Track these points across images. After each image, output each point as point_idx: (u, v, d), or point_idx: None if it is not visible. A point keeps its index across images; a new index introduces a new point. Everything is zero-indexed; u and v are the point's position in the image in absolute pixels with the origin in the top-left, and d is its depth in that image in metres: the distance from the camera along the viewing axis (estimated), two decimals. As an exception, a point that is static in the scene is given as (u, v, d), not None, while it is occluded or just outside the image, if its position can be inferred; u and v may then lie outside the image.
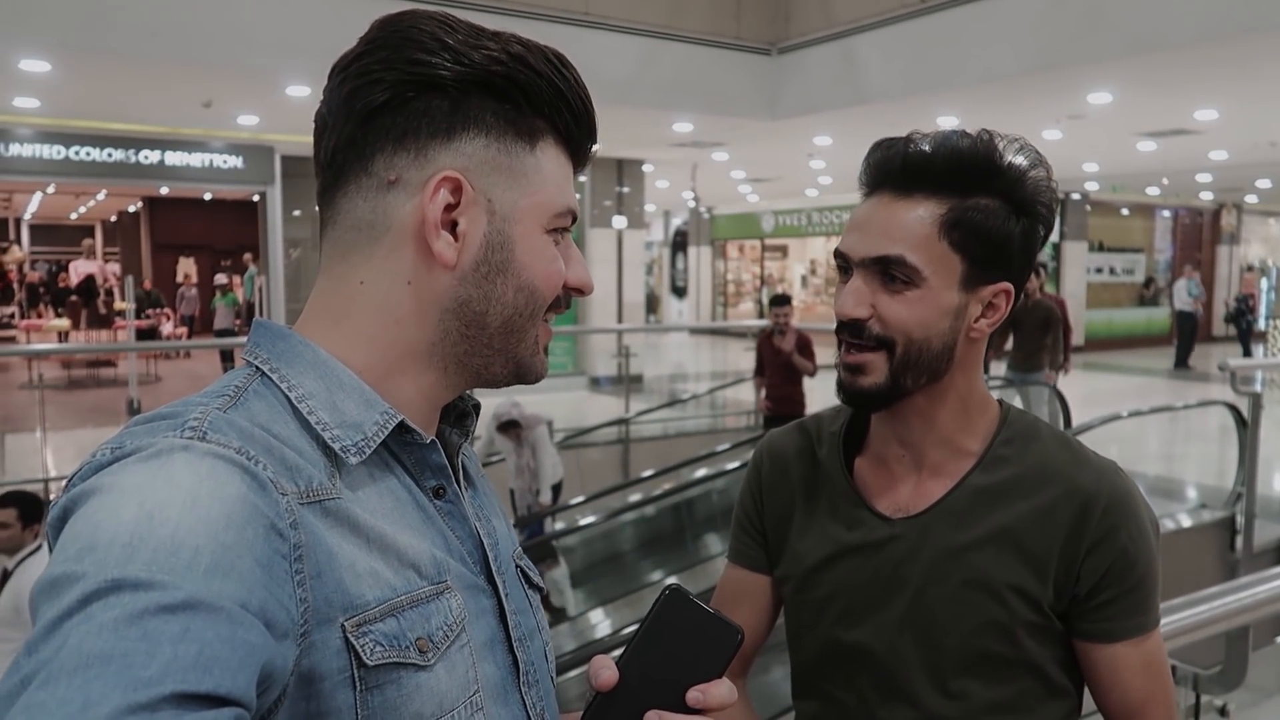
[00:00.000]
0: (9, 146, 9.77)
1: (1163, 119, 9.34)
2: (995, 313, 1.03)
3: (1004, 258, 1.01)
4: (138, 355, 11.21)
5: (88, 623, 0.49)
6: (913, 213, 0.98)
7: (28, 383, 11.21)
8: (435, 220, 0.69)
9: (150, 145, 10.42)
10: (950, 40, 7.65)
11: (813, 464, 1.15)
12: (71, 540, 0.54)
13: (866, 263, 1.00)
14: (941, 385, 1.04)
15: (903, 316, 0.99)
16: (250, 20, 6.76)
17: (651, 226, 21.88)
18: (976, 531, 1.04)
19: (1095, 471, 1.03)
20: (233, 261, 15.86)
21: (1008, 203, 0.99)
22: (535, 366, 0.76)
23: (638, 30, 8.41)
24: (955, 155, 0.97)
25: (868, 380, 1.02)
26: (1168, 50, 6.48)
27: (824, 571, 1.11)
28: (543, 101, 0.71)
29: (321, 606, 0.61)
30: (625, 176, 12.54)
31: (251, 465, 0.60)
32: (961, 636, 1.03)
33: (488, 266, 0.71)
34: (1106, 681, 1.04)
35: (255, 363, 0.70)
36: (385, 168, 0.69)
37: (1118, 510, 1.01)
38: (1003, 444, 1.06)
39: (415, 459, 0.72)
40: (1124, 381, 14.13)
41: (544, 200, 0.73)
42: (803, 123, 9.39)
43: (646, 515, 6.50)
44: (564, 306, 0.77)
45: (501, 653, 0.74)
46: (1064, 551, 1.01)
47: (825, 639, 1.11)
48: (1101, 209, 18.66)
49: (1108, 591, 1.01)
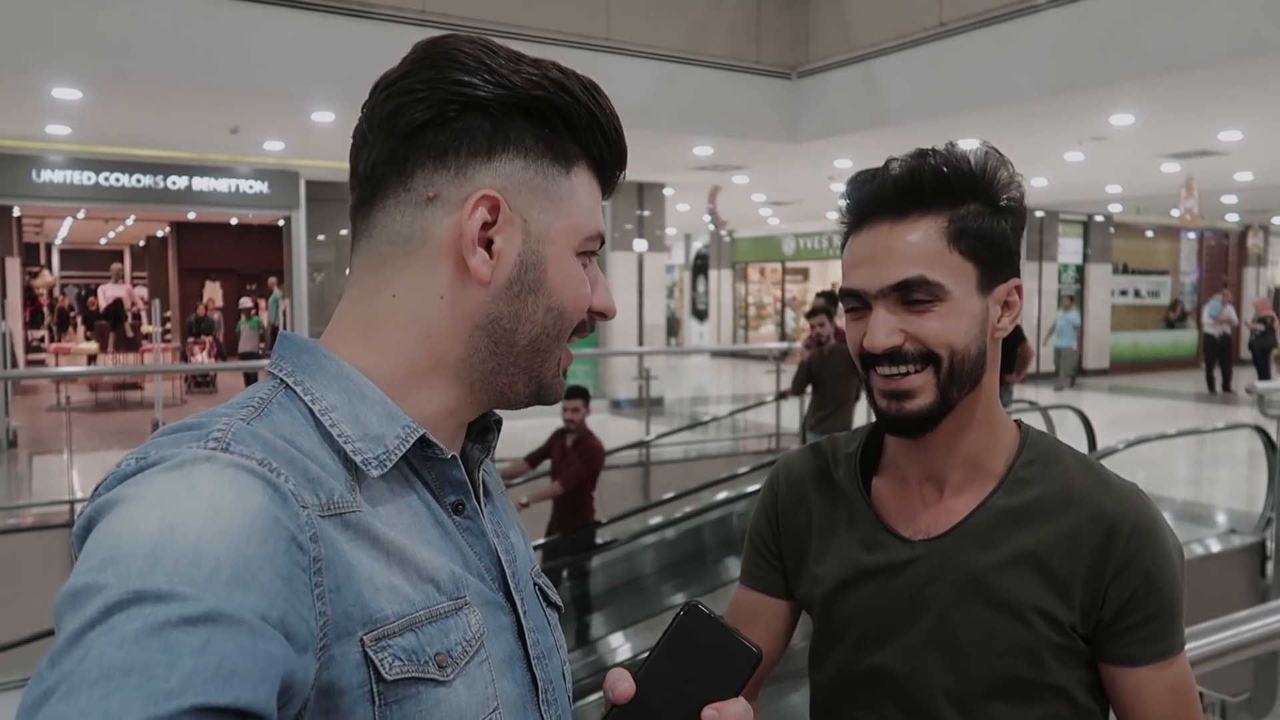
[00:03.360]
0: (41, 173, 9.94)
1: (1186, 140, 9.28)
2: (1012, 309, 1.05)
3: (1006, 255, 1.03)
4: (163, 378, 11.33)
5: (109, 634, 0.49)
6: (917, 232, 0.99)
7: (56, 405, 11.36)
8: (473, 236, 0.70)
9: (178, 171, 10.57)
10: (971, 62, 7.66)
11: (830, 486, 1.15)
12: (95, 550, 0.54)
13: (886, 291, 1.00)
14: (977, 396, 1.04)
15: (939, 331, 0.99)
16: (276, 48, 6.88)
17: (673, 250, 21.94)
18: (999, 553, 1.03)
19: (1120, 495, 1.03)
20: (258, 285, 16.03)
21: (989, 205, 1.01)
22: (555, 388, 0.77)
23: (658, 55, 8.47)
24: (940, 170, 1.00)
25: (917, 403, 1.01)
26: (1190, 71, 6.45)
27: (844, 594, 1.10)
28: (579, 127, 0.73)
29: (341, 620, 0.61)
30: (646, 200, 12.59)
31: (274, 477, 0.60)
32: (985, 659, 1.02)
33: (520, 285, 0.72)
34: (1131, 706, 1.04)
35: (280, 375, 0.70)
36: (425, 184, 0.71)
37: (1143, 535, 1.01)
38: (1024, 465, 1.06)
39: (436, 474, 0.72)
40: (1150, 405, 13.97)
41: (576, 223, 0.74)
42: (823, 145, 9.41)
43: (667, 538, 6.47)
44: (588, 330, 0.78)
45: (520, 670, 0.74)
46: (1089, 575, 1.01)
47: (847, 662, 1.11)
48: (1125, 231, 18.54)
49: (1133, 616, 1.00)
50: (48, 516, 6.77)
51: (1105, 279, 17.89)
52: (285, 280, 12.26)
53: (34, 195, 10.29)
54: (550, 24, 7.77)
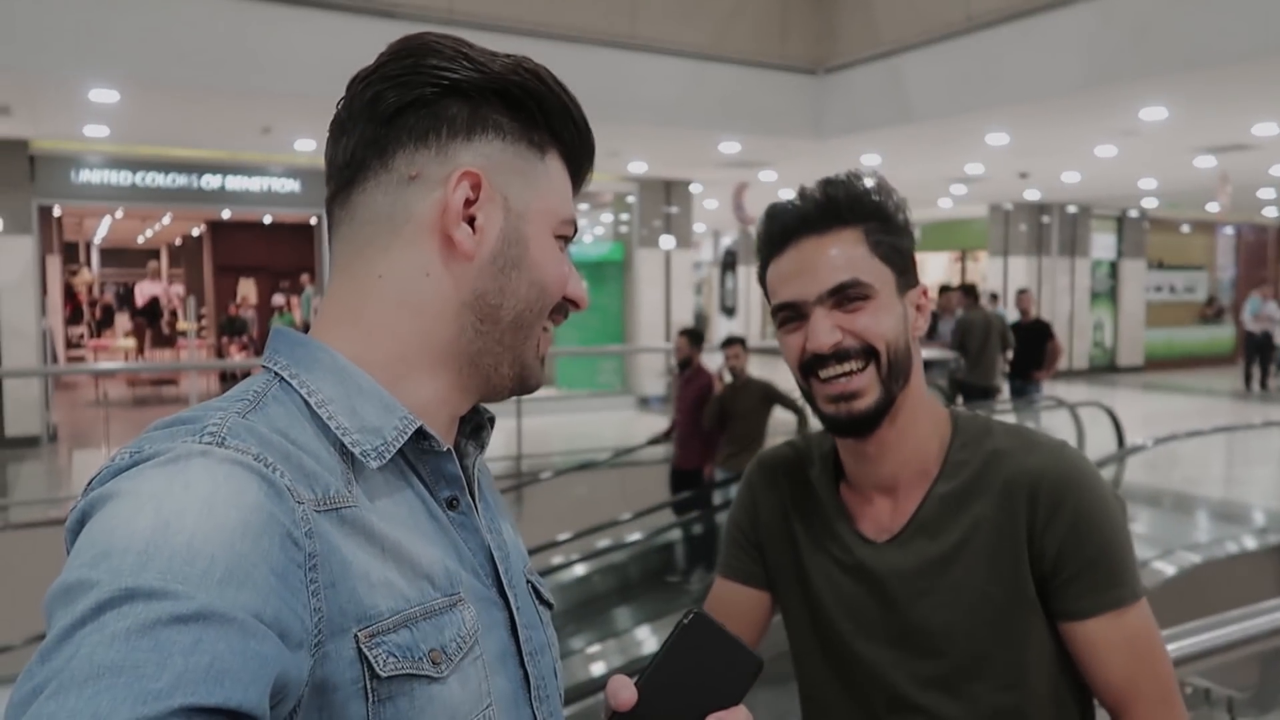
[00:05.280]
0: (80, 173, 10.14)
1: (1220, 134, 9.14)
2: (923, 312, 1.14)
3: (912, 264, 1.14)
4: (198, 374, 11.52)
5: (100, 632, 0.49)
6: (841, 243, 1.09)
7: (95, 400, 11.60)
8: (457, 210, 0.71)
9: (212, 170, 10.73)
10: (998, 58, 7.60)
11: (804, 483, 1.20)
12: (87, 545, 0.54)
13: (823, 296, 1.07)
14: (909, 393, 1.10)
15: (874, 325, 1.07)
16: (306, 49, 6.98)
17: (701, 246, 21.90)
18: (951, 538, 1.08)
19: (1042, 452, 1.07)
20: (290, 283, 16.22)
21: (886, 222, 1.11)
22: (536, 373, 0.78)
23: (684, 53, 8.48)
24: (849, 191, 1.10)
25: (865, 402, 1.07)
26: (1222, 64, 6.36)
27: (821, 591, 1.14)
28: (552, 115, 0.76)
29: (335, 616, 0.60)
30: (673, 197, 12.61)
31: (269, 472, 0.59)
32: (957, 642, 1.06)
33: (504, 260, 0.73)
34: (1089, 662, 1.04)
35: (274, 368, 0.70)
36: (406, 164, 0.72)
37: (1064, 485, 1.04)
38: (959, 449, 1.11)
39: (431, 468, 0.72)
40: (1185, 402, 13.77)
41: (554, 206, 0.76)
42: (850, 142, 9.37)
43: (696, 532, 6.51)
44: (563, 317, 0.80)
45: (513, 666, 0.74)
46: (1027, 534, 1.04)
47: (828, 656, 1.15)
48: (1161, 226, 18.26)
49: (1069, 567, 1.02)
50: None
51: (1140, 275, 17.64)
52: (317, 278, 12.42)
53: (73, 195, 10.48)
54: (576, 23, 7.81)
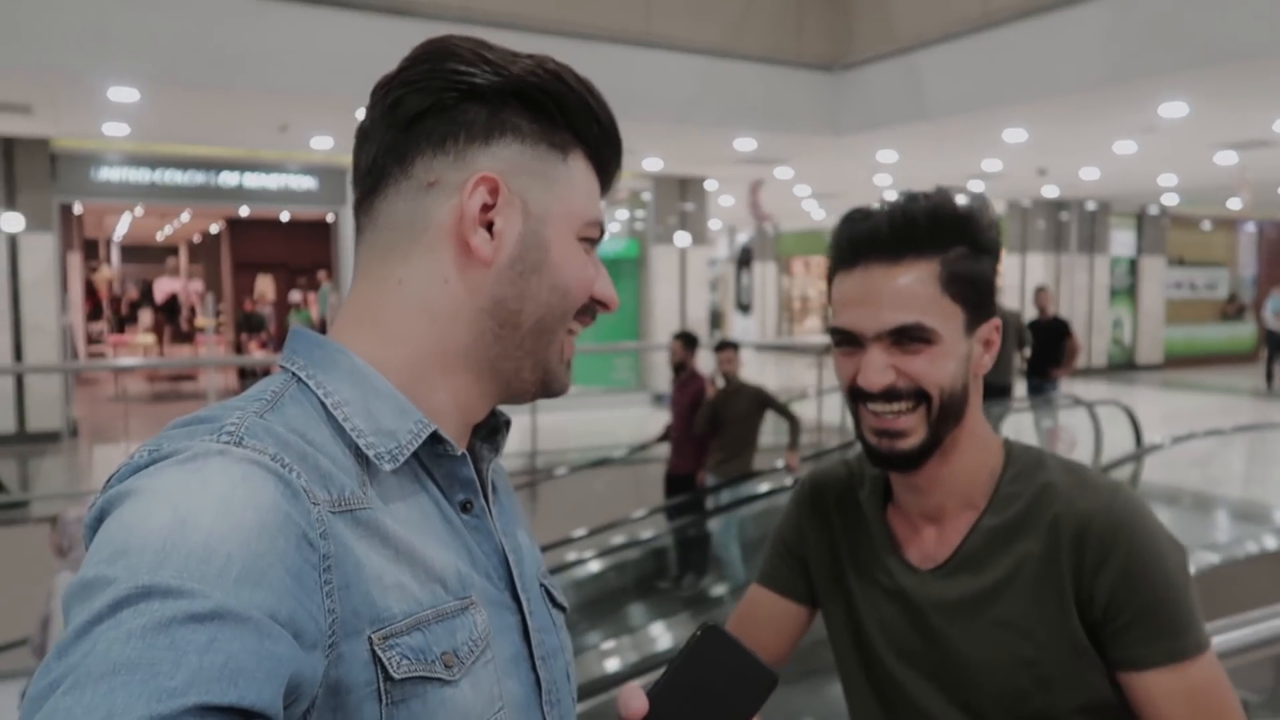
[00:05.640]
0: (100, 171, 10.23)
1: (1241, 130, 9.05)
2: (991, 347, 1.07)
3: (989, 296, 1.06)
4: (216, 370, 11.62)
5: (116, 629, 0.49)
6: (911, 277, 1.01)
7: (115, 396, 11.71)
8: (473, 216, 0.71)
9: (230, 168, 10.81)
10: (1016, 54, 7.55)
11: (854, 505, 1.17)
12: (106, 543, 0.54)
13: (882, 335, 1.01)
14: (961, 429, 1.06)
15: (930, 372, 1.01)
16: (324, 48, 7.01)
17: (717, 243, 21.88)
18: (996, 573, 1.04)
19: (1094, 493, 1.02)
20: (307, 279, 16.32)
21: (973, 246, 1.03)
22: (560, 376, 0.77)
23: (699, 49, 8.47)
24: (934, 213, 1.01)
25: (908, 443, 1.03)
26: (1243, 60, 6.30)
27: (864, 615, 1.12)
28: (574, 115, 0.75)
29: (349, 618, 0.60)
30: (688, 194, 12.60)
31: (286, 473, 0.60)
32: (997, 680, 1.02)
33: (523, 265, 0.73)
34: (1148, 714, 0.99)
35: (292, 369, 0.70)
36: (425, 170, 0.72)
37: (1116, 530, 0.99)
38: (1010, 481, 1.07)
39: (445, 472, 0.72)
40: (1205, 401, 13.65)
41: (576, 208, 0.75)
42: (866, 139, 9.34)
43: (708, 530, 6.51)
44: (590, 319, 0.79)
45: (525, 670, 0.73)
46: (1074, 577, 1.00)
47: (871, 679, 1.13)
48: (1181, 223, 18.10)
49: (1122, 615, 0.98)
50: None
51: (1159, 272, 17.49)
52: (334, 274, 12.48)
53: (94, 193, 10.57)
54: (591, 20, 7.81)
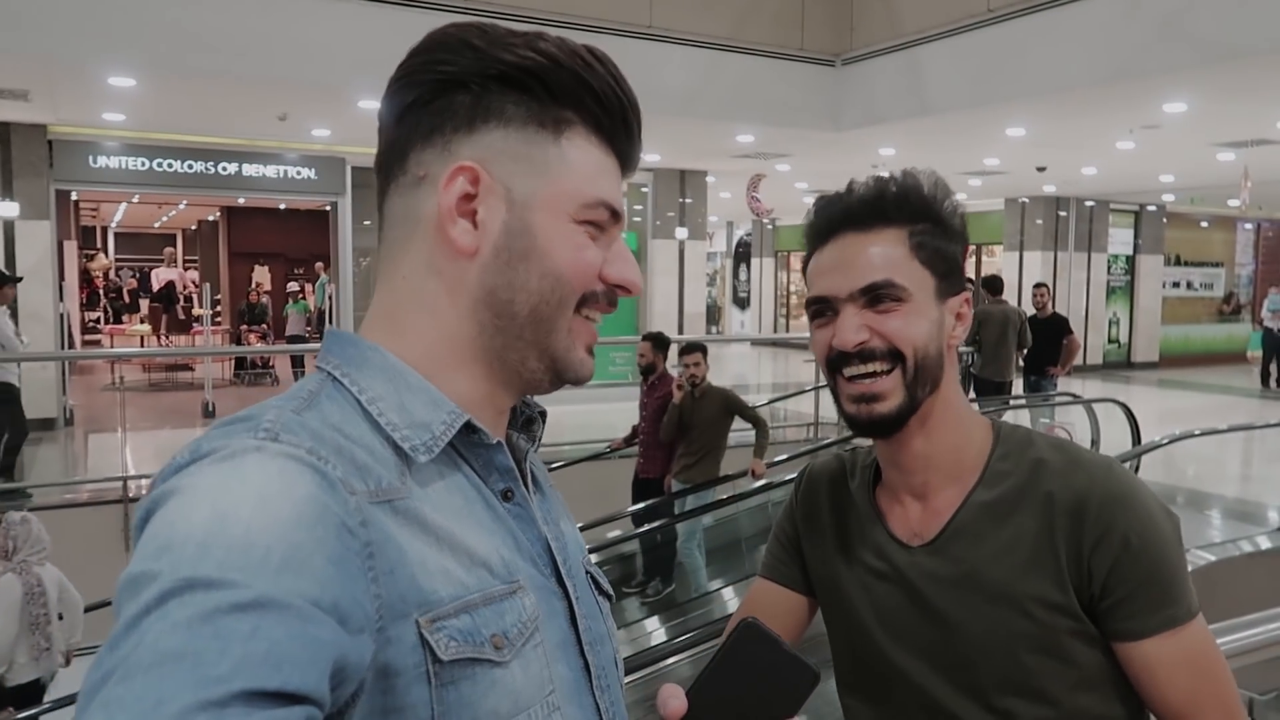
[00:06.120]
0: (97, 159, 10.19)
1: (1242, 128, 9.06)
2: (963, 321, 1.11)
3: (957, 271, 1.11)
4: (213, 360, 11.59)
5: (163, 620, 0.51)
6: (882, 242, 1.07)
7: (111, 385, 11.68)
8: (449, 207, 0.71)
9: (228, 157, 10.77)
10: (1018, 50, 7.54)
11: (844, 494, 1.20)
12: (150, 540, 0.56)
13: (855, 295, 1.06)
14: (937, 400, 1.09)
15: (903, 329, 1.05)
16: (324, 37, 6.99)
17: (715, 237, 21.87)
18: (989, 548, 1.06)
19: (1088, 469, 1.05)
20: (305, 269, 16.29)
21: (939, 225, 1.09)
22: (574, 364, 0.76)
23: (701, 42, 8.45)
24: (902, 190, 1.08)
25: (885, 406, 1.06)
26: (1245, 58, 6.30)
27: (857, 600, 1.14)
28: (564, 91, 0.72)
29: (396, 603, 0.61)
30: (688, 187, 12.58)
31: (321, 465, 0.61)
32: (993, 654, 1.04)
33: (509, 253, 0.72)
34: (1147, 683, 1.02)
35: (327, 368, 0.72)
36: (416, 164, 0.73)
37: (1114, 504, 1.02)
38: (1000, 458, 1.10)
39: (483, 461, 0.73)
40: (1201, 400, 13.69)
41: (569, 189, 0.73)
42: (867, 134, 9.32)
43: (704, 525, 6.50)
44: (608, 304, 0.76)
45: (574, 655, 0.74)
46: (1070, 553, 1.02)
47: (865, 662, 1.14)
48: (1179, 221, 18.12)
49: (1121, 588, 1.01)
50: (103, 492, 6.97)
51: (1157, 270, 17.52)
52: (331, 265, 12.45)
53: (91, 180, 10.53)
54: (593, 12, 7.79)
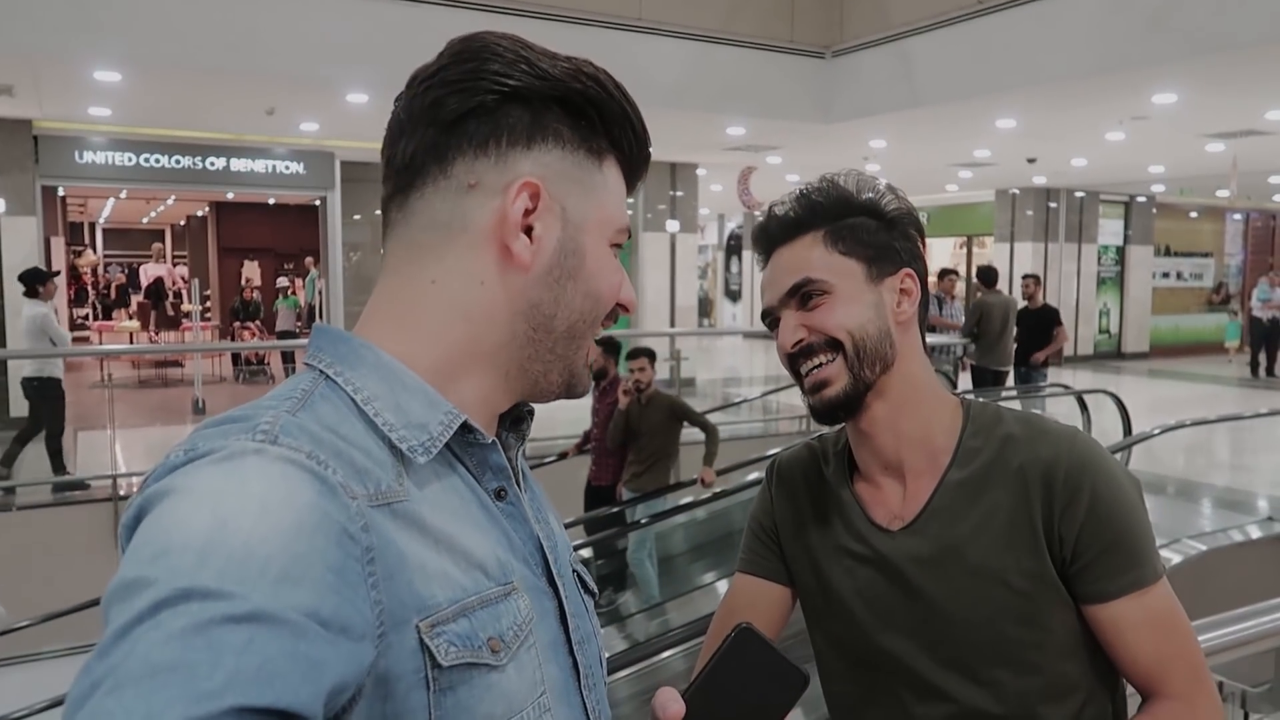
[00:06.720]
0: (84, 154, 10.12)
1: (1232, 119, 9.08)
2: (910, 295, 1.15)
3: (891, 252, 1.14)
4: (203, 356, 11.53)
5: (156, 630, 0.50)
6: (799, 248, 1.14)
7: (99, 382, 11.61)
8: (516, 222, 0.72)
9: (216, 152, 10.71)
10: (1008, 41, 7.54)
11: (820, 481, 1.23)
12: (144, 543, 0.55)
13: (784, 299, 1.14)
14: (894, 377, 1.13)
15: (831, 319, 1.11)
16: (312, 31, 6.94)
17: (706, 230, 21.85)
18: (967, 525, 1.09)
19: (1054, 438, 1.09)
20: (295, 265, 16.20)
21: (872, 218, 1.14)
22: (584, 380, 0.79)
23: (690, 35, 8.43)
24: (820, 196, 1.15)
25: (832, 390, 1.11)
26: (1235, 50, 6.31)
27: (840, 586, 1.16)
28: (612, 122, 0.76)
29: (396, 608, 0.61)
30: (679, 180, 12.56)
31: (322, 470, 0.60)
32: (979, 629, 1.07)
33: (560, 271, 0.74)
34: (1115, 643, 1.06)
35: (319, 366, 0.71)
36: (466, 172, 0.72)
37: (1080, 470, 1.06)
38: (971, 436, 1.13)
39: (477, 460, 0.73)
40: (1191, 389, 13.74)
41: (610, 214, 0.77)
42: (857, 126, 9.32)
43: (697, 518, 6.50)
44: (612, 321, 0.80)
45: (563, 655, 0.75)
46: (1044, 523, 1.06)
47: (851, 648, 1.16)
48: (1168, 212, 18.18)
49: (1089, 551, 1.04)
50: (91, 490, 6.94)
51: (1146, 261, 17.58)
52: (321, 260, 12.40)
53: (77, 176, 10.46)
54: (583, 5, 7.76)
